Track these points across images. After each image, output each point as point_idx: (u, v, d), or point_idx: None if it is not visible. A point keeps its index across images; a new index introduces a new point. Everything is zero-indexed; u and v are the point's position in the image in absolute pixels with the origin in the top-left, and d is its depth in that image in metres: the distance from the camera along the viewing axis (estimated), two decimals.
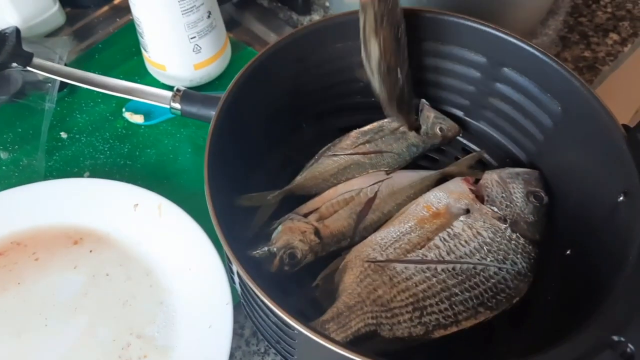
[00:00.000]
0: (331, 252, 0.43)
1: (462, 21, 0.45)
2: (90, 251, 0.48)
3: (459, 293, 0.39)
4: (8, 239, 0.49)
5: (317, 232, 0.42)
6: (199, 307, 0.44)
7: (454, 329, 0.38)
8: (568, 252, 0.44)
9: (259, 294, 0.32)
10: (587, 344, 0.29)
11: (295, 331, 0.32)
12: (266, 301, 0.32)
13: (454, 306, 0.38)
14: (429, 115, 0.50)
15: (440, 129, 0.50)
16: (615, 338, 0.29)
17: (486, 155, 0.51)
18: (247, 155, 0.45)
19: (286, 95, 0.48)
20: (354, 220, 0.44)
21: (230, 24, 0.68)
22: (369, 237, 0.43)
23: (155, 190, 0.50)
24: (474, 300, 0.39)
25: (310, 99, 0.49)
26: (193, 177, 0.54)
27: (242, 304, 0.42)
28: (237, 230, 0.37)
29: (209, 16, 0.55)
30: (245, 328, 0.46)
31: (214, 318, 0.42)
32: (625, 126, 0.40)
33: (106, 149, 0.57)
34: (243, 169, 0.45)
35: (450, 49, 0.47)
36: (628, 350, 0.28)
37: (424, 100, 0.51)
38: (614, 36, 0.69)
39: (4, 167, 0.55)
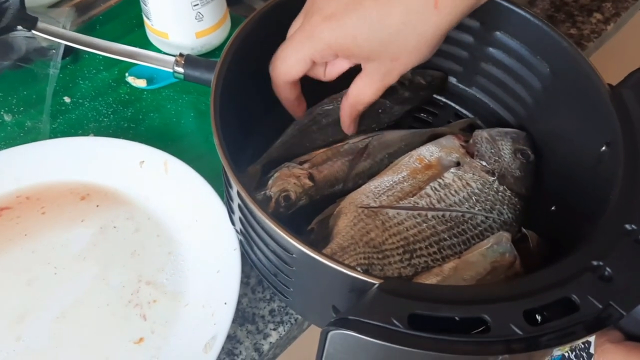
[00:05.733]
0: (326, 198, 0.46)
1: None
2: (98, 206, 0.50)
3: (448, 238, 0.41)
4: (15, 194, 0.50)
5: (311, 177, 0.45)
6: (206, 255, 0.46)
7: None
8: (553, 208, 0.47)
9: (258, 214, 0.34)
10: (568, 268, 0.31)
11: (294, 254, 0.34)
12: (266, 221, 0.34)
13: (442, 250, 0.41)
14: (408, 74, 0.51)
15: (423, 78, 0.52)
16: (595, 263, 0.31)
17: (478, 122, 0.53)
18: (255, 103, 0.48)
19: None
20: (346, 166, 0.47)
21: (231, 0, 0.70)
22: (363, 186, 0.45)
23: None
24: (462, 246, 0.41)
25: None
26: (197, 140, 0.56)
27: (241, 244, 0.44)
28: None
29: None
30: (251, 277, 0.48)
31: (221, 264, 0.44)
32: (609, 84, 0.43)
33: (110, 112, 0.58)
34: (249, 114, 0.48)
35: None
36: (606, 273, 0.31)
37: None
38: (598, 15, 0.72)
39: (8, 128, 0.56)
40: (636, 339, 0.31)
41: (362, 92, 0.43)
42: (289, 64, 0.42)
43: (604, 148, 0.41)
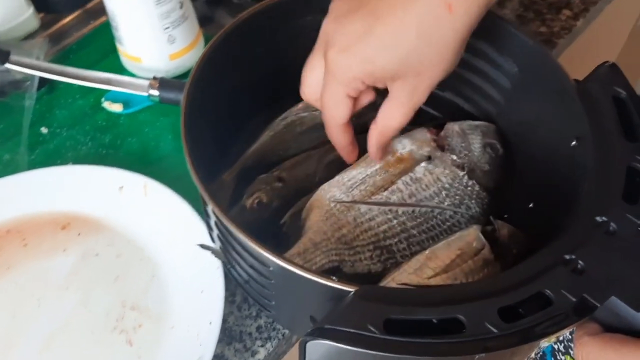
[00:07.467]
0: (299, 194, 0.46)
1: None
2: (79, 234, 0.50)
3: (417, 234, 0.42)
4: None
5: (280, 179, 0.46)
6: (189, 275, 0.46)
7: None
8: (531, 205, 0.47)
9: (232, 229, 0.34)
10: (541, 263, 0.32)
11: (271, 267, 0.34)
12: (240, 236, 0.34)
13: (411, 246, 0.42)
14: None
15: None
16: (567, 256, 0.32)
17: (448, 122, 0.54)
18: (225, 123, 0.48)
19: (258, 71, 0.50)
20: (315, 161, 0.47)
21: (203, 21, 0.70)
22: (336, 177, 0.45)
23: None
24: (430, 242, 0.42)
25: (283, 74, 0.51)
26: (175, 161, 0.56)
27: (222, 262, 0.44)
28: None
29: (181, 7, 0.58)
30: (236, 295, 0.48)
31: (205, 283, 0.44)
32: (575, 79, 0.43)
33: (87, 140, 0.58)
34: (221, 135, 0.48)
35: None
36: (578, 266, 0.31)
37: None
38: (567, 12, 0.73)
39: None
40: (614, 330, 0.31)
41: (391, 116, 0.40)
42: (331, 109, 0.41)
43: (574, 143, 0.41)
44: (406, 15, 0.36)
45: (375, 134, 0.42)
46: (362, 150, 0.46)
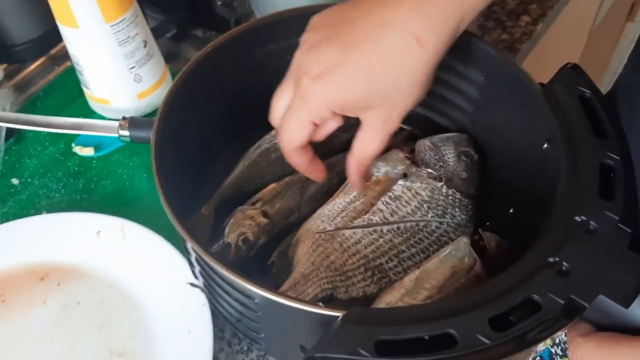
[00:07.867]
0: (284, 231, 0.46)
1: None
2: (58, 284, 0.49)
3: (406, 249, 0.42)
4: None
5: (265, 214, 0.45)
6: (175, 315, 0.45)
7: None
8: (511, 210, 0.48)
9: (214, 265, 0.34)
10: (526, 268, 0.32)
11: (256, 299, 0.34)
12: (223, 271, 0.33)
13: (402, 262, 0.42)
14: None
15: None
16: (551, 259, 0.32)
17: (416, 131, 0.54)
18: (202, 148, 0.48)
19: (227, 102, 0.50)
20: (297, 194, 0.47)
21: (169, 57, 0.70)
22: (317, 211, 0.45)
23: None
24: (421, 255, 0.42)
25: (252, 103, 0.51)
26: (152, 200, 0.55)
27: (207, 298, 0.43)
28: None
29: (145, 45, 0.58)
30: (225, 330, 0.47)
31: (192, 322, 0.43)
32: (540, 83, 0.44)
33: (60, 187, 0.57)
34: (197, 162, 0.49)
35: None
36: (563, 267, 0.31)
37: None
38: (526, 18, 0.74)
39: None
40: (605, 328, 0.31)
41: (367, 146, 0.40)
42: (290, 132, 0.40)
43: (545, 145, 0.42)
44: (379, 46, 0.37)
45: (354, 163, 0.42)
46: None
